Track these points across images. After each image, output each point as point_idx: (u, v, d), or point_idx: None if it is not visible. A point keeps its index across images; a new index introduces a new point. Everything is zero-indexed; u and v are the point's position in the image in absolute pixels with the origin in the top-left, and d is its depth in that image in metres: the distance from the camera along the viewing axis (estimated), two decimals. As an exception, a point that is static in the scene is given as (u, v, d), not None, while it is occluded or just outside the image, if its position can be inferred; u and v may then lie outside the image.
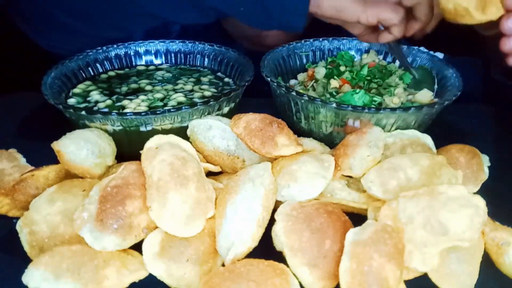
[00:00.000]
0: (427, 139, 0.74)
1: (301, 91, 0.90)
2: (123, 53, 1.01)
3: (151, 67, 1.02)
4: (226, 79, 0.97)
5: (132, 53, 1.02)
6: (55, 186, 0.64)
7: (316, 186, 0.65)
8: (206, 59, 1.02)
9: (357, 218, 0.63)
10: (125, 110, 0.84)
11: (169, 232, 0.58)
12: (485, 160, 0.74)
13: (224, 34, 1.30)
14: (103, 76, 0.98)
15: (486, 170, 0.74)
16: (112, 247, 0.57)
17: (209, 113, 0.79)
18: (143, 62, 1.02)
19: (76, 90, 0.92)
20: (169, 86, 0.93)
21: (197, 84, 0.95)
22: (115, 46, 1.00)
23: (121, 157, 0.72)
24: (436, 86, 0.93)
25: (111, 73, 0.99)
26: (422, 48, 1.00)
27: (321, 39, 1.04)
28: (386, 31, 0.92)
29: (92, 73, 0.98)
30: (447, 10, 0.73)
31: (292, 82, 0.99)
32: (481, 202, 0.58)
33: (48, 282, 0.54)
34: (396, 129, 0.80)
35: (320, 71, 0.95)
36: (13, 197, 0.67)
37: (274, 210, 0.61)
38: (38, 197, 0.63)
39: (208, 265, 0.59)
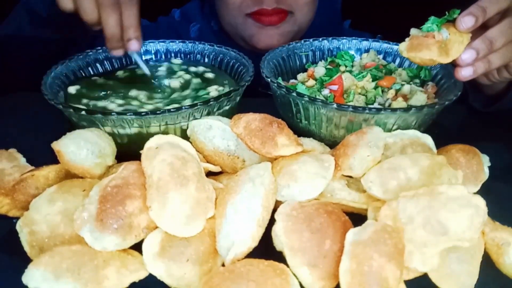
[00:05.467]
0: (428, 139, 0.74)
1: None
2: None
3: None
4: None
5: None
6: (55, 186, 0.64)
7: (316, 186, 0.65)
8: (206, 59, 1.02)
9: (357, 218, 0.63)
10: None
11: (169, 232, 0.58)
12: (485, 160, 0.74)
13: (225, 34, 1.31)
14: (104, 77, 0.98)
15: (486, 170, 0.74)
16: (112, 247, 0.57)
17: (209, 113, 0.79)
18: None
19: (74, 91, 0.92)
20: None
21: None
22: (115, 46, 1.00)
23: (121, 157, 0.72)
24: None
25: (120, 73, 1.00)
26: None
27: (320, 39, 1.04)
28: None
29: (92, 73, 0.98)
30: (416, 63, 0.79)
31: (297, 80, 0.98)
32: (481, 202, 0.58)
33: (48, 282, 0.54)
34: (396, 129, 0.80)
35: (320, 71, 0.95)
36: (13, 197, 0.67)
37: (274, 210, 0.61)
38: (38, 197, 0.63)
39: (208, 265, 0.59)
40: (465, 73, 0.76)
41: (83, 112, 0.76)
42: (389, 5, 1.48)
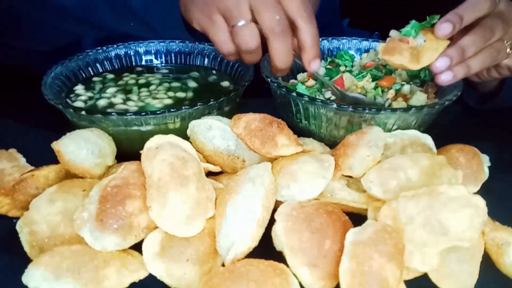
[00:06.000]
0: (428, 139, 0.74)
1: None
2: (123, 53, 1.01)
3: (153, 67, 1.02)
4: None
5: (132, 53, 1.02)
6: (55, 186, 0.64)
7: (316, 186, 0.65)
8: (206, 59, 1.02)
9: (357, 218, 0.63)
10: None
11: (169, 232, 0.58)
12: (485, 160, 0.74)
13: None
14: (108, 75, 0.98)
15: (486, 170, 0.74)
16: (112, 247, 0.57)
17: (209, 113, 0.79)
18: (143, 62, 1.03)
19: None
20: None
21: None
22: (115, 46, 1.00)
23: (121, 157, 0.72)
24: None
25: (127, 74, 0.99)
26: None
27: (320, 39, 1.04)
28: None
29: (92, 73, 0.98)
30: (390, 65, 0.80)
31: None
32: (481, 202, 0.58)
33: (48, 282, 0.54)
34: (396, 129, 0.80)
35: (320, 71, 0.95)
36: (13, 197, 0.67)
37: (274, 210, 0.61)
38: (38, 197, 0.63)
39: (208, 265, 0.59)
40: (444, 78, 0.77)
41: (83, 112, 0.76)
42: (387, 3, 1.48)
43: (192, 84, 0.95)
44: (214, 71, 1.00)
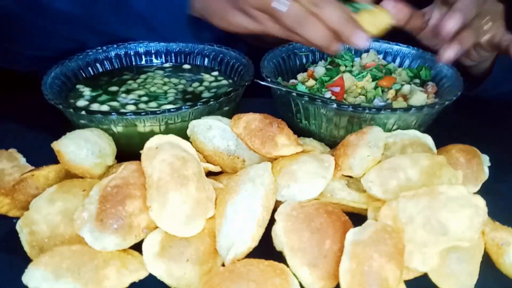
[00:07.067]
0: (428, 139, 0.74)
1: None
2: (123, 53, 1.01)
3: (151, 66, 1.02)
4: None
5: (132, 53, 1.02)
6: (55, 186, 0.64)
7: (316, 186, 0.65)
8: (206, 59, 1.02)
9: (357, 218, 0.63)
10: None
11: (169, 232, 0.58)
12: (485, 160, 0.74)
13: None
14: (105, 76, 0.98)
15: (486, 170, 0.74)
16: (112, 247, 0.57)
17: (209, 113, 0.79)
18: (143, 62, 1.03)
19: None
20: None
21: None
22: (115, 46, 1.00)
23: (121, 157, 0.72)
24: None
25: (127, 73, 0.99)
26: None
27: (321, 39, 1.04)
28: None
29: (92, 73, 0.98)
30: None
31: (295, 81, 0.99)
32: (481, 202, 0.58)
33: (48, 282, 0.54)
34: (396, 129, 0.80)
35: (320, 71, 0.95)
36: (13, 197, 0.67)
37: (274, 210, 0.61)
38: (38, 197, 0.63)
39: (208, 265, 0.59)
40: (449, 54, 0.81)
41: (83, 112, 0.76)
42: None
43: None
44: (214, 71, 1.00)
